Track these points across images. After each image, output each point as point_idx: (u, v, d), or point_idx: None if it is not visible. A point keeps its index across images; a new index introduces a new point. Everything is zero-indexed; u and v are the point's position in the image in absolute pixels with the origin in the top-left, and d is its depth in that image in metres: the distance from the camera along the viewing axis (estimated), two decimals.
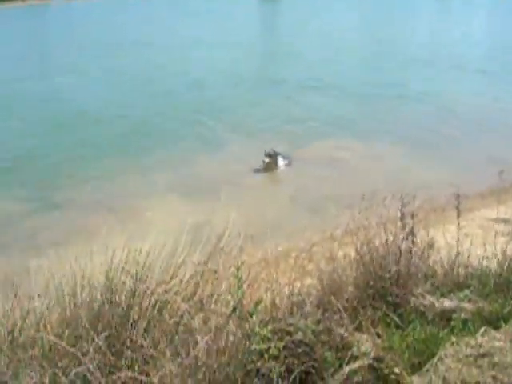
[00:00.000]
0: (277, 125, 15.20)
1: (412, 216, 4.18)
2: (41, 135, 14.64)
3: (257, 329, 3.47)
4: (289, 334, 3.80)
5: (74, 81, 20.59)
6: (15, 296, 3.83)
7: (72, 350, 3.43)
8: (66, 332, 3.68)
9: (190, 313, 3.55)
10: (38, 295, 3.93)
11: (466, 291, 4.46)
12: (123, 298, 3.67)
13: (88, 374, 3.28)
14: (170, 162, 12.52)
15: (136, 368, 3.35)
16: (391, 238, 4.24)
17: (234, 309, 3.46)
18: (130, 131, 14.90)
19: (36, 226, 8.50)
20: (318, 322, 3.87)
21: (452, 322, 4.17)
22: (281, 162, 12.38)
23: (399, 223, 4.21)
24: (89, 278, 3.94)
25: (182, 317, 3.58)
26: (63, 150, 13.46)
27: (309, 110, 16.76)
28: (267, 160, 12.26)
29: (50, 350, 3.61)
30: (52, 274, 4.09)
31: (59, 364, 3.44)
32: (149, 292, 3.66)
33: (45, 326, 3.78)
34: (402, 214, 4.17)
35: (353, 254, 4.29)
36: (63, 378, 3.31)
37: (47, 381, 3.29)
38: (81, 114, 16.42)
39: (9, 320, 3.88)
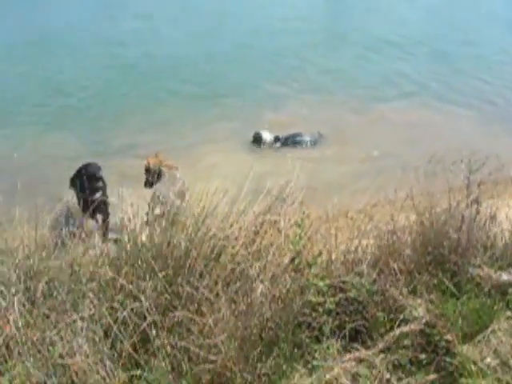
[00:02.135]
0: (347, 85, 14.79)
1: (478, 184, 4.08)
2: (108, 79, 14.71)
3: (314, 281, 3.47)
4: (343, 290, 3.82)
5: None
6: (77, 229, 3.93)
7: (130, 286, 3.52)
8: (125, 268, 3.76)
9: (248, 260, 3.58)
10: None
11: None
12: (183, 240, 3.71)
13: (144, 311, 3.37)
14: (237, 112, 12.44)
15: (192, 309, 3.42)
16: (454, 205, 4.16)
17: (293, 259, 3.47)
18: (199, 79, 14.78)
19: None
20: (373, 281, 3.87)
21: (508, 296, 4.10)
22: None
23: (464, 190, 4.12)
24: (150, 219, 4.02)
25: (239, 264, 3.61)
26: (126, 95, 13.53)
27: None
28: None
29: (108, 285, 3.71)
30: (114, 212, 4.17)
31: (117, 299, 3.53)
32: (209, 236, 3.70)
33: (104, 262, 3.86)
34: (468, 181, 4.08)
35: (413, 217, 4.23)
36: (119, 313, 3.40)
37: (104, 313, 3.38)
38: (148, 59, 16.36)
39: (71, 254, 4.00)
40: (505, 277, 4.24)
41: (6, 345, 3.34)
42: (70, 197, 6.21)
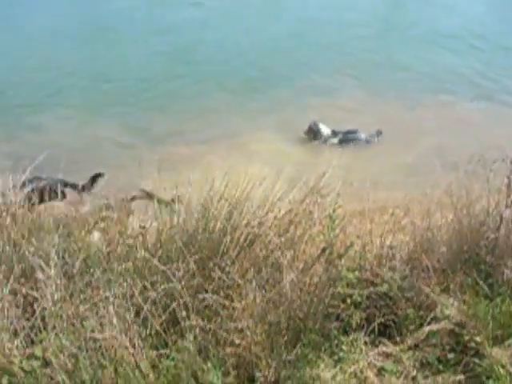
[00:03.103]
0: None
1: None
2: (156, 67, 14.87)
3: (344, 272, 3.49)
4: (374, 284, 3.82)
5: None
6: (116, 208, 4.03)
7: (163, 267, 3.60)
8: (160, 251, 3.85)
9: (280, 248, 3.61)
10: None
11: None
12: (218, 225, 3.77)
13: (175, 292, 3.44)
14: (286, 104, 12.42)
15: (221, 293, 3.48)
16: (493, 205, 4.10)
17: (324, 249, 3.49)
18: (249, 68, 14.81)
19: (142, 154, 8.76)
20: (405, 277, 3.86)
21: None
22: None
23: (504, 189, 4.06)
24: (187, 203, 4.09)
25: (272, 251, 3.65)
26: (173, 83, 13.66)
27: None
28: None
29: (143, 266, 3.80)
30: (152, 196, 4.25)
31: (149, 279, 3.62)
32: (243, 223, 3.75)
33: (140, 244, 3.95)
34: (509, 181, 4.01)
35: (451, 215, 4.19)
36: (151, 292, 3.48)
37: (137, 292, 3.46)
38: (197, 48, 16.47)
39: (108, 234, 4.10)
40: None
41: (42, 317, 3.45)
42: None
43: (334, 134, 11.06)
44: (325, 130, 11.00)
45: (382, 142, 10.97)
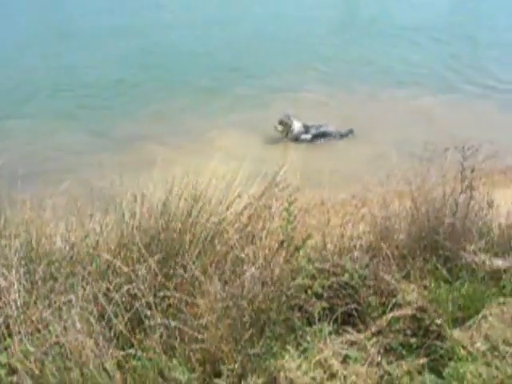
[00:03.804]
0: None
1: (472, 170, 4.11)
2: (122, 70, 14.83)
3: (303, 264, 3.55)
4: (336, 274, 3.88)
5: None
6: (77, 213, 4.03)
7: (126, 269, 3.62)
8: (122, 253, 3.87)
9: (240, 244, 3.66)
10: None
11: None
12: (178, 224, 3.80)
13: (138, 292, 3.47)
14: (246, 101, 12.46)
15: (184, 291, 3.51)
16: (449, 191, 4.20)
17: (282, 242, 3.54)
18: (217, 67, 14.84)
19: (104, 157, 8.79)
20: (366, 266, 3.93)
21: (501, 282, 4.14)
22: None
23: (459, 176, 4.16)
24: (148, 203, 4.11)
25: (232, 247, 3.69)
26: (139, 86, 13.65)
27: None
28: None
29: (107, 268, 3.81)
30: (113, 198, 4.27)
31: (113, 281, 3.64)
32: (203, 221, 3.79)
33: (102, 246, 3.97)
34: (462, 167, 4.11)
35: (408, 203, 4.28)
36: (114, 293, 3.51)
37: (100, 294, 3.48)
38: (163, 49, 16.44)
39: (70, 237, 4.10)
40: (499, 263, 4.28)
41: (7, 325, 3.46)
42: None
43: (306, 128, 11.03)
44: (297, 124, 10.96)
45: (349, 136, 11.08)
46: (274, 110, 11.70)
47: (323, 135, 11.03)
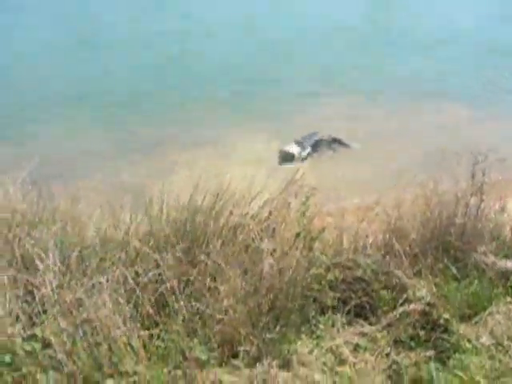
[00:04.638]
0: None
1: (483, 173, 4.31)
2: (143, 78, 15.22)
3: (317, 254, 3.78)
4: (349, 269, 4.11)
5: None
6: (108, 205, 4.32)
7: (154, 255, 3.90)
8: (150, 242, 4.14)
9: (260, 236, 3.91)
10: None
11: None
12: (204, 217, 4.07)
13: (163, 277, 3.74)
14: (265, 110, 12.76)
15: (207, 278, 3.77)
16: (460, 194, 4.40)
17: (298, 234, 3.78)
18: (230, 77, 15.17)
19: (129, 158, 9.18)
20: (379, 262, 4.15)
21: (509, 283, 4.32)
22: None
23: (470, 179, 4.36)
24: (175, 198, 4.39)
25: (253, 239, 3.94)
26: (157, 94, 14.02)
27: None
28: None
29: (136, 255, 4.09)
30: (141, 193, 4.55)
31: (141, 267, 3.91)
32: (226, 214, 4.05)
33: (132, 235, 4.25)
34: (473, 170, 4.32)
35: (422, 205, 4.48)
36: (142, 278, 3.78)
37: (129, 278, 3.75)
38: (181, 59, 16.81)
39: (101, 226, 4.39)
40: (509, 264, 4.46)
41: (42, 303, 3.74)
42: None
43: (302, 146, 11.17)
44: (296, 149, 11.07)
45: (365, 146, 11.28)
46: (294, 118, 12.02)
47: (317, 144, 11.22)
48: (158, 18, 21.37)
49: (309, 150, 11.17)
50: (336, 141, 11.41)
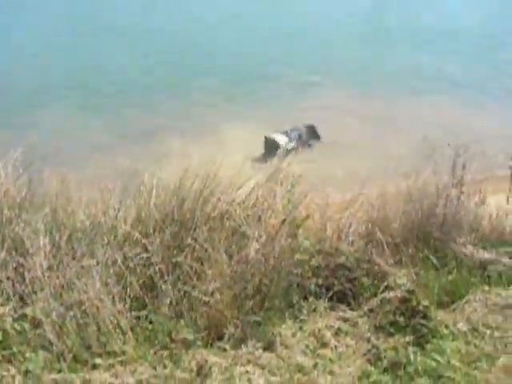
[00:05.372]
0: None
1: (463, 166, 4.45)
2: (142, 67, 15.28)
3: (300, 240, 3.89)
4: (332, 255, 4.23)
5: None
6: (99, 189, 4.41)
7: (143, 240, 3.99)
8: (139, 227, 4.23)
9: (247, 222, 4.01)
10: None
11: (508, 248, 4.71)
12: (191, 203, 4.17)
13: (152, 260, 3.84)
14: (260, 100, 12.87)
15: (194, 261, 3.88)
16: (441, 186, 4.53)
17: (284, 220, 3.90)
18: (234, 66, 15.26)
19: (123, 145, 9.24)
20: (361, 250, 4.27)
21: (487, 272, 4.47)
22: None
23: (450, 171, 4.50)
24: (164, 184, 4.48)
25: (239, 225, 4.04)
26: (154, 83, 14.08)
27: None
28: None
29: (125, 240, 4.18)
30: (131, 178, 4.63)
31: (131, 250, 4.00)
32: (214, 200, 4.15)
33: (121, 220, 4.33)
34: (454, 164, 4.45)
35: (404, 194, 4.61)
36: (130, 261, 3.88)
37: (119, 260, 3.85)
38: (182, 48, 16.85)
39: (91, 211, 4.47)
40: (486, 255, 4.61)
41: (32, 285, 3.82)
42: None
43: (289, 137, 11.34)
44: (280, 138, 11.19)
45: (352, 138, 11.42)
46: (288, 108, 12.12)
47: (301, 136, 11.25)
48: (158, 9, 21.36)
49: (291, 144, 11.14)
50: (314, 132, 11.42)
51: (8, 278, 3.86)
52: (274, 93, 13.44)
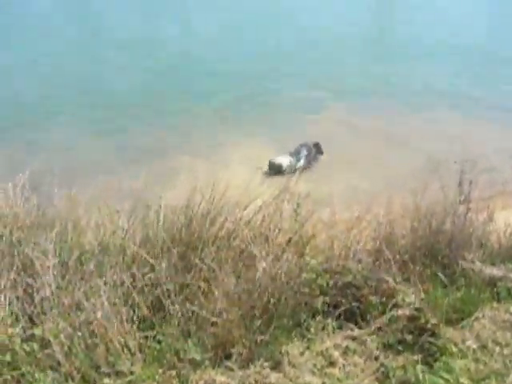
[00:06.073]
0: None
1: (470, 183, 4.45)
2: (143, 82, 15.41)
3: (307, 259, 3.90)
4: (340, 274, 4.23)
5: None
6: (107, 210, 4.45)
7: (150, 260, 4.02)
8: (147, 246, 4.26)
9: (254, 242, 4.03)
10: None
11: None
12: (198, 223, 4.19)
13: (160, 281, 3.86)
14: (264, 117, 12.92)
15: (201, 281, 3.89)
16: (449, 202, 4.53)
17: (290, 239, 3.91)
18: (237, 83, 15.32)
19: (130, 163, 9.35)
20: (369, 268, 4.27)
21: (496, 289, 4.45)
22: None
23: (458, 188, 4.50)
24: (171, 204, 4.51)
25: (246, 246, 4.06)
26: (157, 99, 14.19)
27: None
28: None
29: (133, 260, 4.21)
30: (139, 199, 4.67)
31: (138, 271, 4.03)
32: (221, 220, 4.18)
33: (129, 240, 4.37)
34: (461, 180, 4.45)
35: (411, 212, 4.61)
36: (138, 282, 3.91)
37: (127, 281, 3.87)
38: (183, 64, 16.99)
39: (100, 231, 4.51)
40: (495, 272, 4.59)
41: (41, 305, 3.85)
42: None
43: (296, 156, 11.13)
44: (284, 160, 11.04)
45: (357, 153, 11.35)
46: (293, 125, 12.16)
47: (308, 155, 11.23)
48: (158, 24, 21.55)
49: (301, 162, 11.13)
50: (319, 149, 11.44)
51: (18, 298, 3.91)
52: (279, 109, 13.48)
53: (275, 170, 10.68)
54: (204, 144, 11.15)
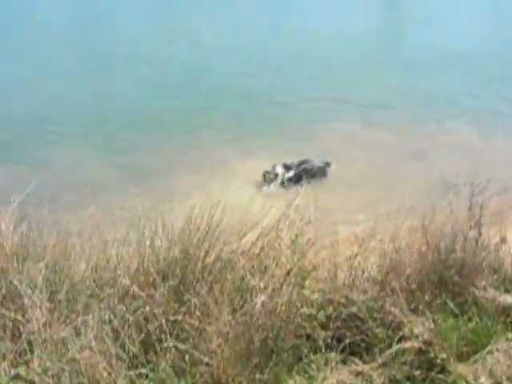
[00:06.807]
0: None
1: (481, 207, 4.23)
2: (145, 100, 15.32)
3: (307, 294, 3.69)
4: (344, 305, 4.01)
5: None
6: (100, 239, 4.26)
7: (142, 294, 3.82)
8: (141, 278, 4.07)
9: (251, 273, 3.82)
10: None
11: None
12: (193, 254, 4.00)
13: (151, 316, 3.66)
14: (265, 135, 12.75)
15: (195, 317, 3.68)
16: (458, 227, 4.30)
17: (289, 272, 3.70)
18: (241, 95, 15.19)
19: (127, 185, 9.23)
20: (374, 298, 4.04)
21: (510, 319, 4.20)
22: None
23: (467, 212, 4.27)
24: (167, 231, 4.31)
25: (243, 277, 3.85)
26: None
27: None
28: None
29: (125, 292, 4.01)
30: (134, 224, 4.47)
31: (131, 304, 3.83)
32: (217, 250, 3.98)
33: (122, 271, 4.18)
34: (471, 204, 4.23)
35: (418, 237, 4.38)
36: (130, 316, 3.71)
37: (116, 318, 3.67)
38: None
39: (92, 262, 4.32)
40: (510, 299, 4.34)
41: (28, 341, 3.67)
42: None
43: (288, 168, 11.00)
44: (279, 169, 10.96)
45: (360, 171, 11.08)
46: (298, 140, 12.00)
47: (305, 171, 10.99)
48: (161, 40, 21.51)
49: (290, 173, 10.95)
50: (322, 165, 11.24)
51: (5, 332, 3.74)
52: (282, 124, 13.30)
53: (269, 181, 10.72)
54: (207, 159, 11.02)
